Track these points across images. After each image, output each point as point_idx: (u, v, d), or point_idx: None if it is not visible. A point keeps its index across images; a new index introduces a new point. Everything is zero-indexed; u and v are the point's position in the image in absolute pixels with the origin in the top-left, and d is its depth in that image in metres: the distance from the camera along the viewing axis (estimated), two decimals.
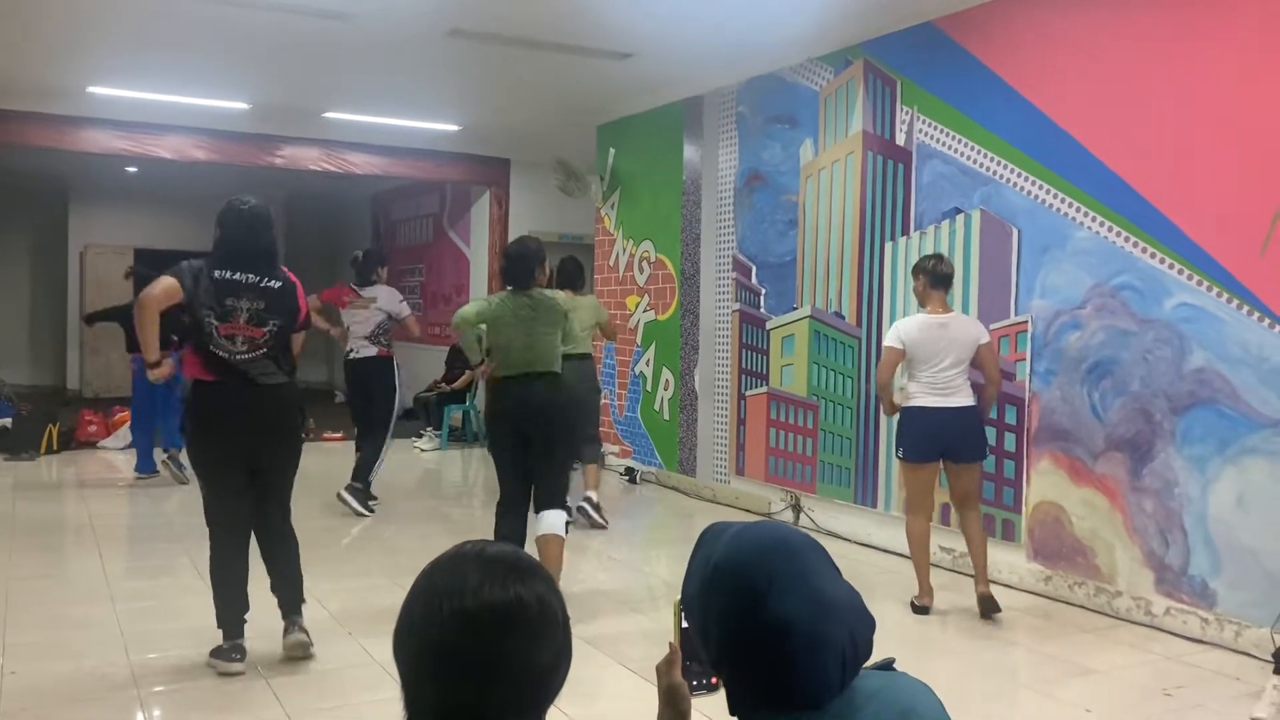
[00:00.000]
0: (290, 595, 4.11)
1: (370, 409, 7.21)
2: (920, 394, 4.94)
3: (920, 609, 4.95)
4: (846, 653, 1.35)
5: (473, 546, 1.33)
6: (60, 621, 4.65)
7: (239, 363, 3.88)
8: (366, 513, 6.98)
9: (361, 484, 7.08)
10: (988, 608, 4.81)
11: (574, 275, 7.06)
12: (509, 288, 4.93)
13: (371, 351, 7.20)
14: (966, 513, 4.99)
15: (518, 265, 4.90)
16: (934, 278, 4.92)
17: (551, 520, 4.78)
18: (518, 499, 4.84)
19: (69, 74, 8.18)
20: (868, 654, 1.40)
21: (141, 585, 5.34)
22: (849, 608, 1.39)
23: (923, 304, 5.00)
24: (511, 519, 4.81)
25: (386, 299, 7.31)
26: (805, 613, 1.34)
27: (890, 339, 5.00)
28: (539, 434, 4.79)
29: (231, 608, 3.97)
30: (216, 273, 3.86)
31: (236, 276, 3.89)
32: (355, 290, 7.32)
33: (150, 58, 7.64)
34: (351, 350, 7.29)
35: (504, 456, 4.87)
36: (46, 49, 7.46)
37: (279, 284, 3.97)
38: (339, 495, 7.01)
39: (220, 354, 3.86)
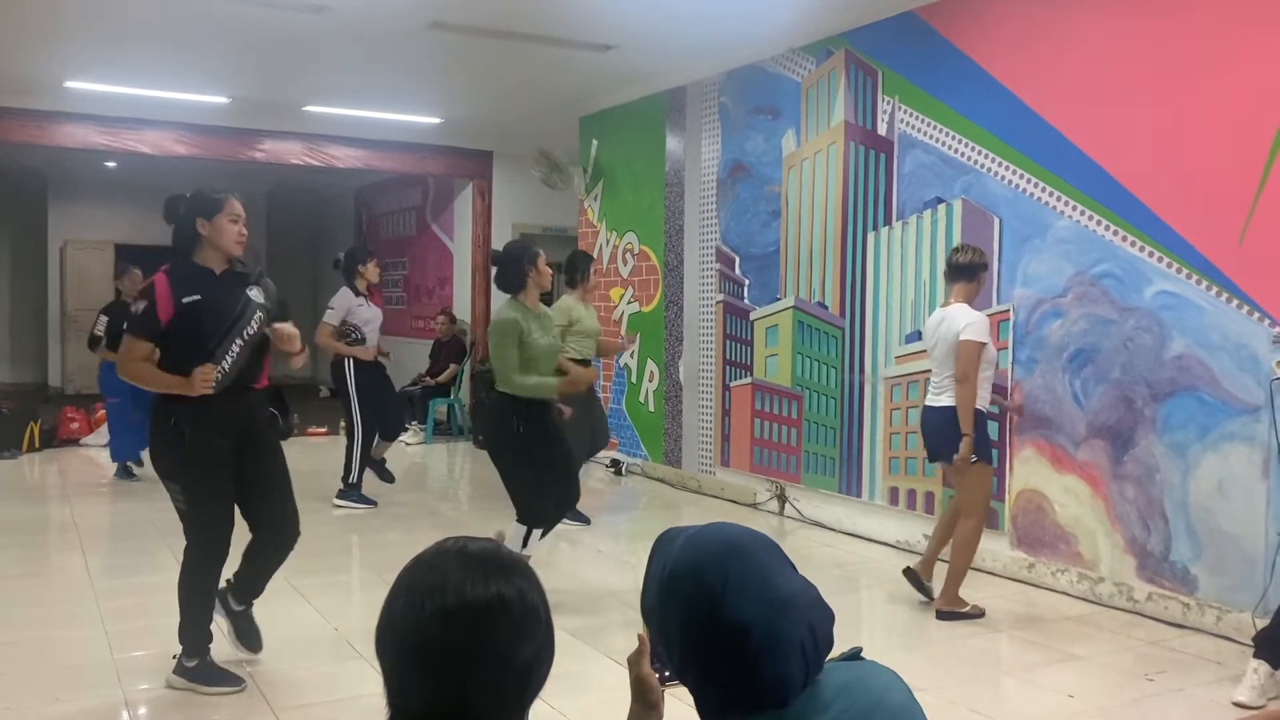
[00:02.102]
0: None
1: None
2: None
3: (906, 570, 4.96)
4: (807, 647, 1.35)
5: (454, 543, 1.33)
6: (44, 620, 4.63)
7: None
8: (358, 506, 7.10)
9: (344, 486, 7.18)
10: (938, 609, 4.76)
11: (570, 270, 6.68)
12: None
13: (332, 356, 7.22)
14: (960, 517, 4.80)
15: (501, 270, 4.86)
16: (948, 269, 4.80)
17: (510, 530, 4.75)
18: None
19: (46, 68, 8.11)
20: (829, 646, 1.40)
21: (125, 583, 5.31)
22: (805, 602, 1.38)
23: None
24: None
25: (364, 311, 7.11)
26: (762, 612, 1.34)
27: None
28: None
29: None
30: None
31: None
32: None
33: (128, 51, 7.59)
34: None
35: None
36: (23, 43, 7.39)
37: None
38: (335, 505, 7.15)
39: None
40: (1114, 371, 4.89)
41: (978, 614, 4.74)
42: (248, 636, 3.97)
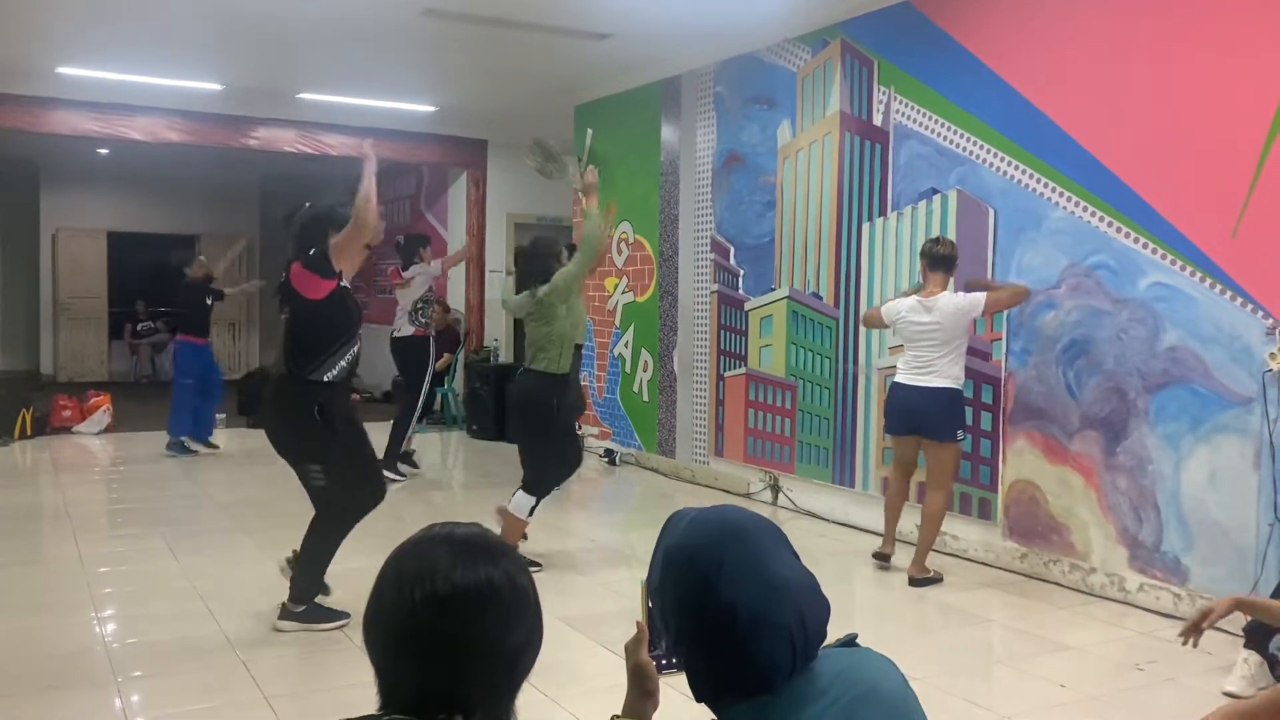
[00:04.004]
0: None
1: (404, 385, 7.98)
2: (901, 370, 5.17)
3: (879, 556, 5.30)
4: (795, 635, 1.35)
5: (440, 529, 1.33)
6: (36, 607, 4.62)
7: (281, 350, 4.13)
8: (399, 478, 7.55)
9: (389, 459, 7.52)
10: (910, 576, 5.11)
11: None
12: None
13: (409, 331, 7.85)
14: (929, 491, 5.18)
15: (528, 262, 5.25)
16: (930, 260, 5.06)
17: (513, 500, 5.18)
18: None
19: (38, 54, 8.06)
20: (820, 635, 1.40)
21: (118, 570, 5.30)
22: (799, 590, 1.39)
23: (924, 286, 5.14)
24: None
25: (422, 275, 7.92)
26: (752, 596, 1.35)
27: (882, 305, 5.34)
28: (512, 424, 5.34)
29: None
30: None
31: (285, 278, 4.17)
32: (400, 273, 8.04)
33: (121, 37, 7.54)
34: (395, 329, 7.96)
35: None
36: (14, 28, 7.34)
37: (284, 277, 4.06)
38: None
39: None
40: (1107, 363, 4.90)
41: (938, 578, 5.14)
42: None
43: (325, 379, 4.03)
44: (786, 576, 1.39)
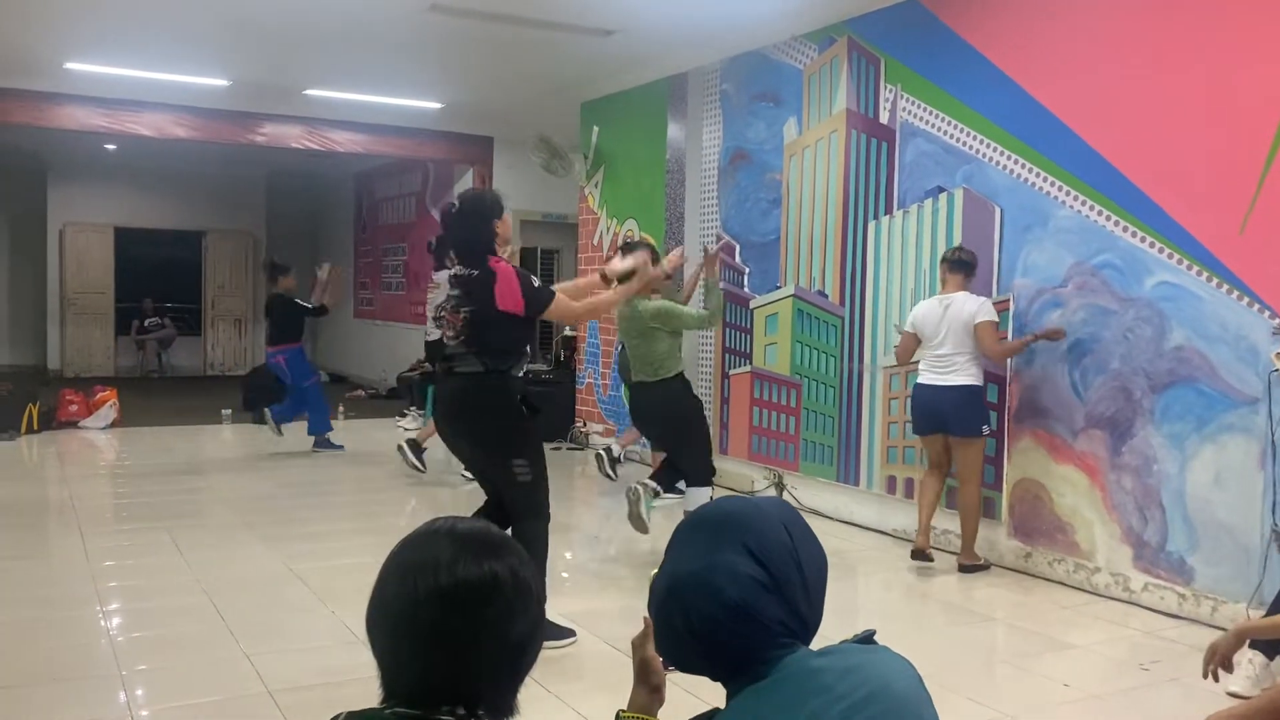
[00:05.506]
0: None
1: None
2: (922, 370, 5.30)
3: (915, 554, 5.27)
4: (680, 628, 1.39)
5: (444, 523, 1.33)
6: (42, 600, 4.64)
7: (450, 350, 4.11)
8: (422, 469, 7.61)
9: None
10: (960, 564, 5.30)
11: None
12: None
13: (438, 334, 7.78)
14: (961, 485, 5.27)
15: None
16: (950, 263, 5.25)
17: (690, 495, 5.49)
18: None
19: (46, 49, 8.08)
20: (705, 630, 1.37)
21: (123, 564, 5.32)
22: (687, 585, 1.38)
23: (944, 287, 5.30)
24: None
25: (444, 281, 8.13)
26: (659, 586, 1.42)
27: (905, 323, 5.46)
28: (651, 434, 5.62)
29: None
30: (452, 269, 4.24)
31: (456, 269, 4.16)
32: (433, 276, 8.16)
33: (129, 33, 7.56)
34: (426, 333, 8.28)
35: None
36: (22, 23, 7.36)
37: (476, 273, 4.04)
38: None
39: (444, 340, 4.17)
40: (1113, 362, 4.89)
41: (986, 566, 5.32)
42: None
43: (517, 374, 4.08)
44: (685, 570, 1.39)
